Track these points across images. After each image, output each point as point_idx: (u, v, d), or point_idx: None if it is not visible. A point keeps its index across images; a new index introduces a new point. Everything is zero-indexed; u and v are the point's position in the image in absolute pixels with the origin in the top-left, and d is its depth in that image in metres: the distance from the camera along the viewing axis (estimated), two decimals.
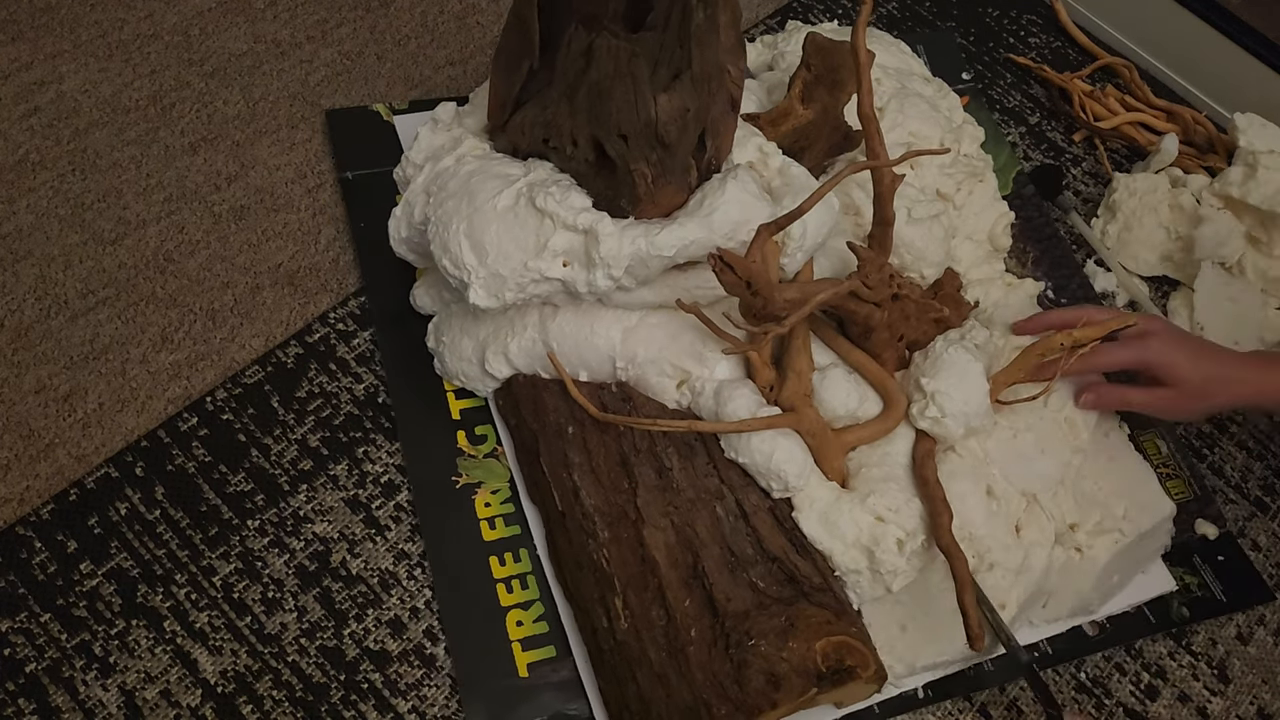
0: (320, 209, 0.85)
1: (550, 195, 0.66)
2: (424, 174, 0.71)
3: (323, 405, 0.76)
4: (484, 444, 0.75)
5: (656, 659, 0.63)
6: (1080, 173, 1.03)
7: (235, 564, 0.69)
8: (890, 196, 0.72)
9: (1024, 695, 0.73)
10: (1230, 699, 0.75)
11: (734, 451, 0.69)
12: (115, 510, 0.70)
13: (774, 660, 0.61)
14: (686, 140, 0.66)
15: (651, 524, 0.66)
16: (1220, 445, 0.87)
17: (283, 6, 0.97)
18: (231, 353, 0.77)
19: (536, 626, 0.69)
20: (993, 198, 0.89)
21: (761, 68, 0.92)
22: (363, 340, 0.79)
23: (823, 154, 0.81)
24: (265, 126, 0.89)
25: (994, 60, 1.10)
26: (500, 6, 1.02)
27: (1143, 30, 1.11)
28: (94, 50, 0.91)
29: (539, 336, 0.71)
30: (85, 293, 0.78)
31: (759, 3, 1.09)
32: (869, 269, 0.70)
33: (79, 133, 0.86)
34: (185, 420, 0.74)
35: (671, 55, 0.63)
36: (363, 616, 0.69)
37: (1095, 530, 0.74)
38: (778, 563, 0.66)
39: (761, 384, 0.70)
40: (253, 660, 0.66)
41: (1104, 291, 0.93)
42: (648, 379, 0.71)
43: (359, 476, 0.73)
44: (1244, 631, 0.79)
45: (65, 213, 0.81)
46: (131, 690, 0.64)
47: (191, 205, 0.84)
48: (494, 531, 0.72)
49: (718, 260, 0.62)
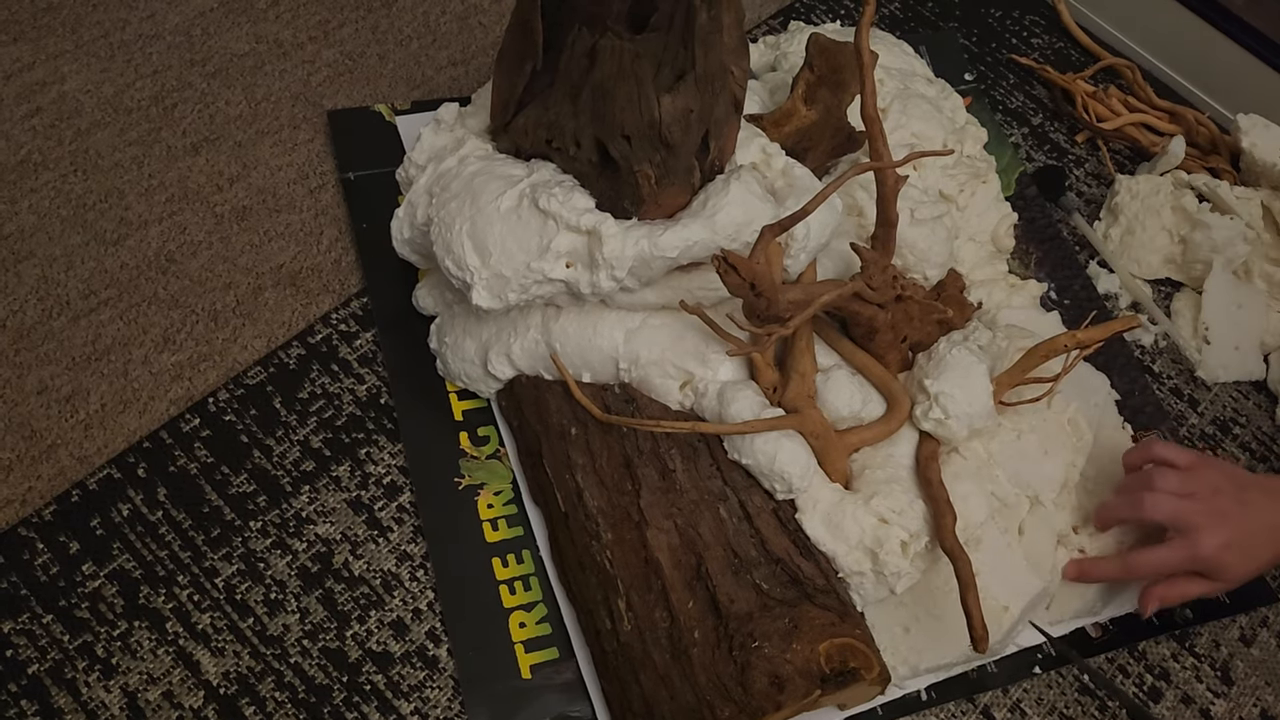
0: (322, 210, 0.85)
1: (553, 196, 0.66)
2: (426, 175, 0.71)
3: (325, 406, 0.76)
4: (486, 445, 0.75)
5: (660, 661, 0.63)
6: (1083, 174, 1.02)
7: (237, 565, 0.69)
8: (893, 197, 0.72)
9: (1027, 697, 0.73)
10: (1233, 701, 0.75)
11: (737, 453, 0.69)
12: (117, 511, 0.70)
13: (778, 662, 0.61)
14: (690, 141, 0.65)
15: (655, 525, 0.66)
16: (1223, 447, 0.87)
17: (285, 7, 0.97)
18: (234, 354, 0.77)
19: (539, 628, 0.69)
20: (995, 199, 0.89)
21: (764, 68, 0.92)
22: (365, 341, 0.79)
23: (826, 155, 0.81)
24: (267, 127, 0.89)
25: (997, 61, 1.10)
26: (503, 7, 1.02)
27: (1145, 31, 1.10)
28: (96, 50, 0.91)
29: (542, 337, 0.71)
30: (87, 293, 0.78)
31: (761, 3, 1.09)
32: (872, 270, 0.70)
33: (81, 133, 0.86)
34: (187, 421, 0.74)
35: (675, 56, 0.63)
36: (365, 618, 0.69)
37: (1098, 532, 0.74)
38: (781, 564, 0.66)
39: (765, 385, 0.70)
40: (255, 662, 0.66)
41: (1107, 293, 0.93)
42: (651, 380, 0.71)
43: (361, 478, 0.73)
44: (1247, 633, 0.78)
45: (67, 213, 0.81)
46: (134, 692, 0.64)
47: (193, 206, 0.83)
48: (496, 533, 0.72)
49: (721, 261, 0.62)
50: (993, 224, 0.88)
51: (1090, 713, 0.73)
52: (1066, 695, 0.73)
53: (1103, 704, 0.73)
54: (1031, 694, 0.73)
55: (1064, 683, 0.74)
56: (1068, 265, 0.93)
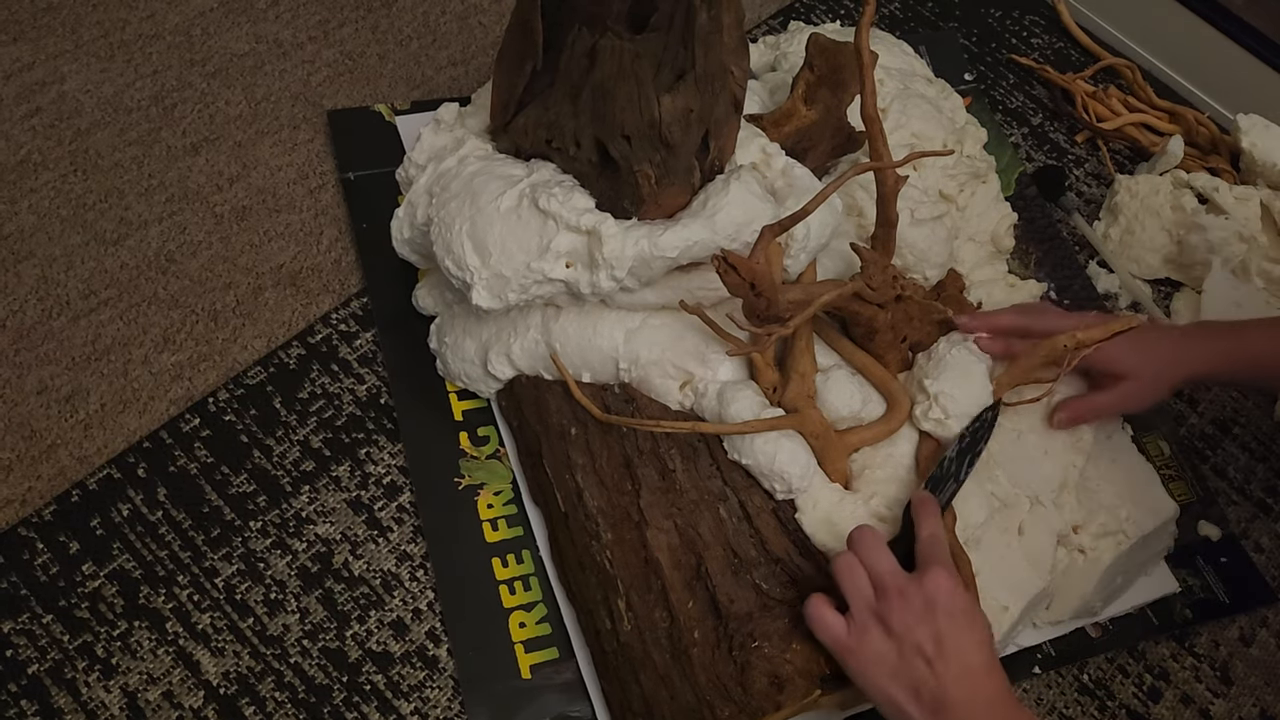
0: (322, 210, 0.85)
1: (553, 196, 0.66)
2: (426, 175, 0.71)
3: (325, 406, 0.76)
4: (486, 445, 0.75)
5: (660, 661, 0.63)
6: (1083, 174, 1.02)
7: (237, 565, 0.69)
8: (893, 198, 0.72)
9: (1026, 697, 0.73)
10: (1233, 700, 0.75)
11: (737, 453, 0.69)
12: (117, 511, 0.70)
13: (778, 662, 0.61)
14: (690, 141, 0.65)
15: (655, 525, 0.66)
16: (1223, 447, 0.87)
17: (285, 7, 0.97)
18: (233, 354, 0.77)
19: (539, 628, 0.69)
20: (995, 199, 0.89)
21: (764, 68, 0.92)
22: (365, 341, 0.79)
23: (826, 155, 0.81)
24: (267, 127, 0.89)
25: (996, 61, 1.10)
26: (503, 7, 1.02)
27: (1145, 31, 1.10)
28: (96, 50, 0.90)
29: (542, 337, 0.71)
30: (87, 293, 0.78)
31: (761, 3, 1.09)
32: (872, 270, 0.70)
33: (81, 133, 0.86)
34: (187, 421, 0.73)
35: (675, 56, 0.63)
36: (365, 618, 0.69)
37: (1098, 532, 0.74)
38: (781, 564, 0.66)
39: (765, 385, 0.70)
40: (255, 662, 0.66)
41: (1106, 292, 0.93)
42: (651, 380, 0.71)
43: (361, 478, 0.73)
44: (1247, 633, 0.78)
45: (67, 213, 0.81)
46: (134, 692, 0.64)
47: (193, 206, 0.83)
48: (496, 533, 0.72)
49: (721, 261, 0.62)
50: (992, 224, 0.88)
51: (1090, 713, 0.73)
52: (1066, 695, 0.73)
53: (1102, 704, 0.73)
54: (1031, 694, 0.73)
55: (1064, 683, 0.74)
56: (1067, 265, 0.93)
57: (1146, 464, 0.79)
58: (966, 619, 0.58)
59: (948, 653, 0.56)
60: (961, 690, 0.56)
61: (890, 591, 0.58)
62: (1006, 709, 0.57)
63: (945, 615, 0.57)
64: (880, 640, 0.57)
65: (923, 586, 0.58)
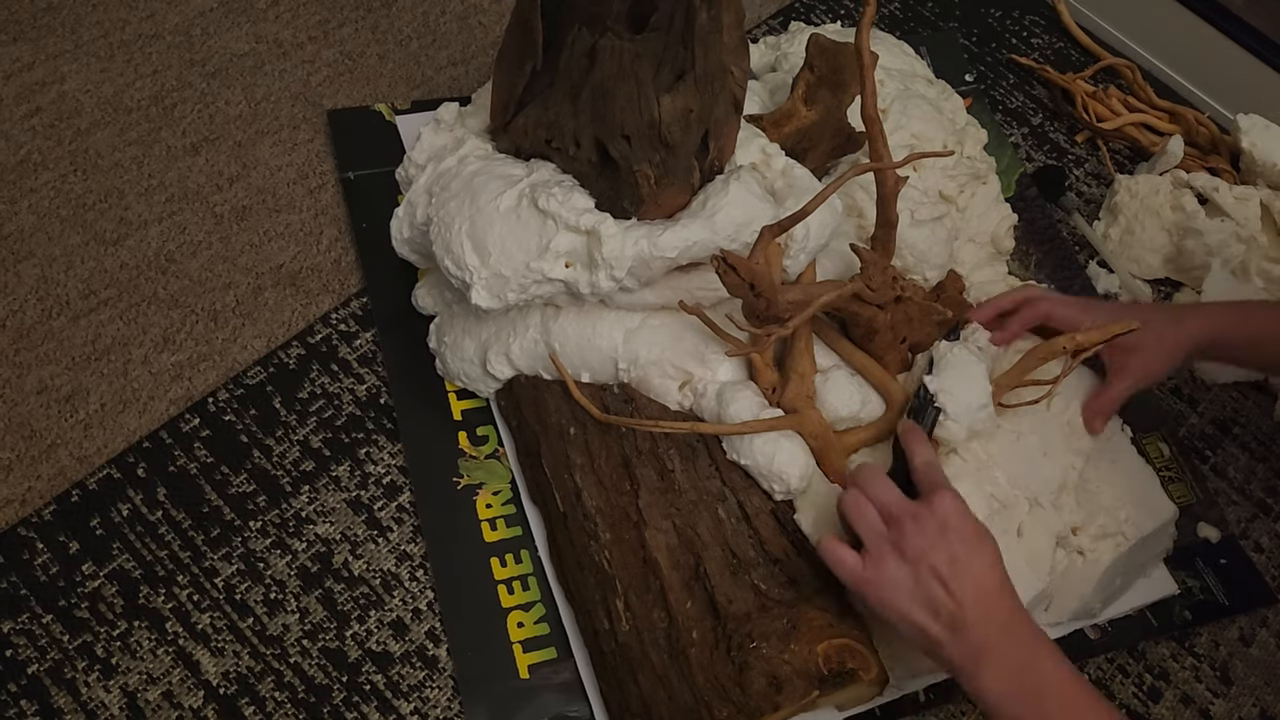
0: (322, 209, 0.85)
1: (553, 196, 0.66)
2: (426, 174, 0.71)
3: (324, 406, 0.76)
4: (485, 445, 0.75)
5: (658, 661, 0.63)
6: (1083, 174, 1.02)
7: (237, 565, 0.69)
8: (893, 198, 0.72)
9: None
10: (1233, 701, 0.75)
11: (736, 453, 0.69)
12: (117, 511, 0.70)
13: (776, 663, 0.61)
14: (689, 141, 0.65)
15: (653, 526, 0.66)
16: (1223, 447, 0.87)
17: (284, 7, 0.97)
18: (233, 353, 0.77)
19: (538, 628, 0.69)
20: (995, 199, 0.89)
21: (764, 69, 0.92)
22: (364, 341, 0.79)
23: (826, 155, 0.81)
24: (267, 127, 0.89)
25: (997, 61, 1.10)
26: (503, 6, 1.02)
27: (1145, 31, 1.10)
28: (96, 50, 0.91)
29: (541, 337, 0.71)
30: (87, 293, 0.78)
31: (761, 3, 1.09)
32: (872, 271, 0.70)
33: (81, 133, 0.86)
34: (187, 421, 0.74)
35: (675, 56, 0.63)
36: (365, 618, 0.69)
37: (1097, 533, 0.74)
38: (779, 565, 0.66)
39: (764, 386, 0.70)
40: (255, 661, 0.66)
41: (1106, 293, 0.93)
42: (650, 380, 0.71)
43: (361, 477, 0.73)
44: (1246, 634, 0.78)
45: (67, 213, 0.81)
46: (134, 692, 0.64)
47: (193, 206, 0.83)
48: (495, 533, 0.72)
49: (721, 261, 0.62)
50: (992, 225, 0.88)
51: None
52: None
53: None
54: None
55: None
56: (1067, 265, 0.93)
57: (1146, 466, 0.79)
58: (977, 540, 0.60)
59: (962, 574, 0.58)
60: (978, 611, 0.57)
61: (903, 519, 0.60)
62: (1020, 627, 0.58)
63: (958, 537, 0.59)
64: (896, 566, 0.59)
65: (934, 510, 0.60)
